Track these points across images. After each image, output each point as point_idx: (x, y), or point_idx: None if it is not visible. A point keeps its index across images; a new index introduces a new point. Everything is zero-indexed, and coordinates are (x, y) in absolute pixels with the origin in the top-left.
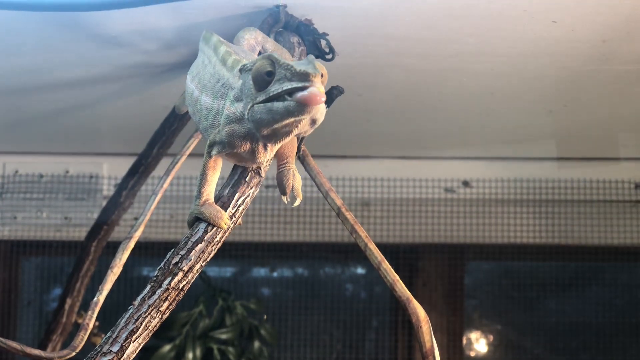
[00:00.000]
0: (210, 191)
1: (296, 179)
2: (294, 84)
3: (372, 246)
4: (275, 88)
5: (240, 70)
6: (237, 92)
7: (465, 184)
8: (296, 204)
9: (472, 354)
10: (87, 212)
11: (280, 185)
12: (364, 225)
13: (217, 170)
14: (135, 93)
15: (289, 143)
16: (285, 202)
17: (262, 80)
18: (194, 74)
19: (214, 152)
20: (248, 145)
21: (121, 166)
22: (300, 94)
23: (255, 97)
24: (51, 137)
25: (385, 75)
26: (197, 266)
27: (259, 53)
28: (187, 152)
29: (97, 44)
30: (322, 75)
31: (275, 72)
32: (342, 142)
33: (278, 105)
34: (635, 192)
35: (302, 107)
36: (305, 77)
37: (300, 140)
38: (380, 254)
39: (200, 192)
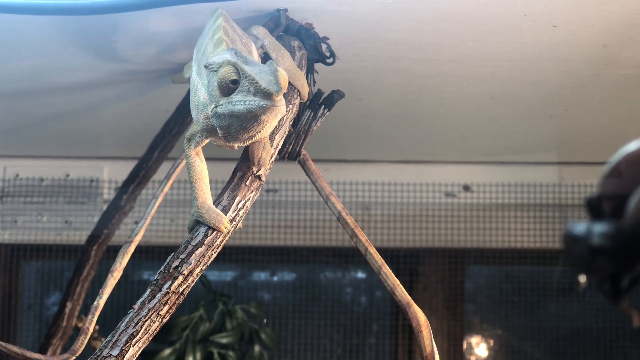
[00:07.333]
0: (205, 188)
1: (265, 149)
2: (257, 100)
3: (373, 250)
4: (238, 99)
5: (206, 67)
6: (206, 86)
7: (466, 188)
8: (260, 172)
9: (473, 358)
10: (87, 216)
11: (250, 155)
12: (364, 229)
13: (204, 163)
14: (136, 97)
15: None
16: (254, 172)
17: (227, 87)
18: (197, 44)
19: (193, 144)
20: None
21: (122, 170)
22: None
23: (219, 100)
24: (52, 140)
25: (386, 79)
26: (197, 270)
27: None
28: None
29: (97, 48)
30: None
31: (239, 80)
32: (342, 147)
33: (240, 107)
34: None
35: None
36: (268, 96)
37: (301, 144)
38: (381, 258)
39: (195, 189)
